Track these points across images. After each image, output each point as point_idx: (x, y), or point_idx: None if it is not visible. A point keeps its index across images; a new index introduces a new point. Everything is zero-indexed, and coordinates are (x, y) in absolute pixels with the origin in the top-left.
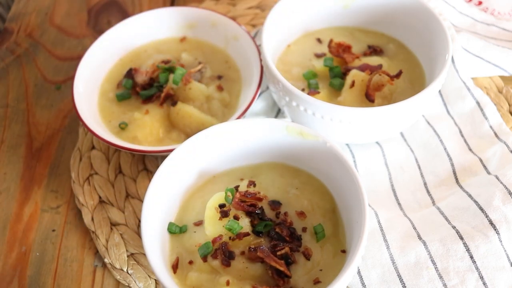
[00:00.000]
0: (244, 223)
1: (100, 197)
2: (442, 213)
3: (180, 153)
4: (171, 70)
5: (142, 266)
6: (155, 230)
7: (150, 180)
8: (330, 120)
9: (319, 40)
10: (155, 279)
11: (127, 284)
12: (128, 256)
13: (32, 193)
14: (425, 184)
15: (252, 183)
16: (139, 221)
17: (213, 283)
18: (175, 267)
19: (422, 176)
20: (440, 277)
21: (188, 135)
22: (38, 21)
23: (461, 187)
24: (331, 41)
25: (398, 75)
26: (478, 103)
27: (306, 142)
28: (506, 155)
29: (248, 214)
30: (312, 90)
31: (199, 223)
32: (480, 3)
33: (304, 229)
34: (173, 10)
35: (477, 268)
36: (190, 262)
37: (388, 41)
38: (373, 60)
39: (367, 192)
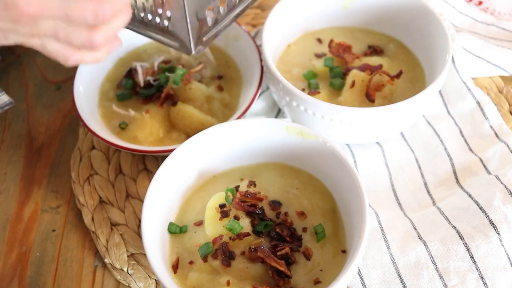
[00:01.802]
0: (245, 223)
1: (100, 197)
2: (442, 213)
3: (180, 153)
4: (171, 70)
5: (142, 266)
6: (155, 230)
7: (150, 180)
8: (330, 120)
9: (319, 40)
10: (155, 279)
11: (127, 284)
12: (128, 256)
13: (32, 193)
14: (425, 184)
15: (252, 183)
16: (140, 221)
17: (214, 283)
18: (175, 267)
19: (422, 176)
20: (441, 277)
21: (188, 135)
22: None
23: (461, 187)
24: (331, 41)
25: (398, 75)
26: (478, 103)
27: (306, 142)
28: (506, 155)
29: (249, 214)
30: (312, 90)
31: (199, 223)
32: (480, 3)
33: (304, 229)
34: None
35: (477, 268)
36: (191, 262)
37: (388, 41)
38: (373, 60)
39: (367, 192)
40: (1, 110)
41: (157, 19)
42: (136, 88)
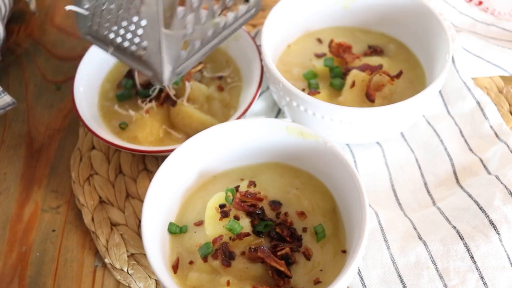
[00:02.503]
0: (245, 223)
1: (100, 197)
2: (442, 213)
3: (180, 153)
4: None
5: (142, 266)
6: (155, 230)
7: (150, 180)
8: (330, 120)
9: (319, 40)
10: (155, 279)
11: (127, 284)
12: (128, 256)
13: (32, 193)
14: (425, 184)
15: (252, 183)
16: (140, 221)
17: (214, 284)
18: (175, 267)
19: (422, 176)
20: (441, 277)
21: (188, 135)
22: (39, 21)
23: (461, 187)
24: (331, 41)
25: (398, 75)
26: (478, 103)
27: (306, 142)
28: (506, 155)
29: (249, 214)
30: (312, 90)
31: (199, 223)
32: (480, 3)
33: (304, 229)
34: None
35: (477, 268)
36: (191, 262)
37: (388, 41)
38: (374, 60)
39: (368, 192)
40: (3, 111)
41: (133, 48)
42: (136, 88)
